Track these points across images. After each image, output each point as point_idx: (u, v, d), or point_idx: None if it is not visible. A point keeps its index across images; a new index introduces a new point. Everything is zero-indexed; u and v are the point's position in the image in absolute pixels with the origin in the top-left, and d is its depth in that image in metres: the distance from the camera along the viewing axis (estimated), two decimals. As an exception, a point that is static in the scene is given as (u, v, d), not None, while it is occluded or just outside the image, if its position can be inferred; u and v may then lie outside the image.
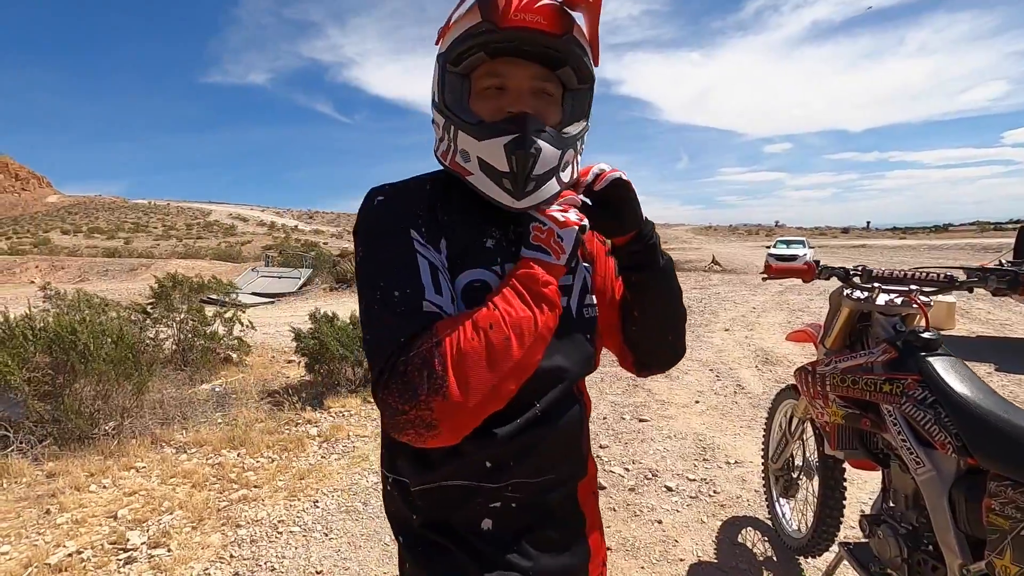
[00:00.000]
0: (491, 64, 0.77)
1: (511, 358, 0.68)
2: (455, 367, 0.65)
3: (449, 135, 0.78)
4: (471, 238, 0.78)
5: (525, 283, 0.73)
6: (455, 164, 0.79)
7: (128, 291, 16.07)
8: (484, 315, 0.69)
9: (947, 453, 1.40)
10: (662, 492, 3.02)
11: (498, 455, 0.78)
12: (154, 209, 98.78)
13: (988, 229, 62.34)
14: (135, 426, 4.09)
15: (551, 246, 0.76)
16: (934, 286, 1.69)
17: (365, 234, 0.77)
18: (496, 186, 0.75)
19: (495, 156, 0.74)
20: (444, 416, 0.65)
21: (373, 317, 0.71)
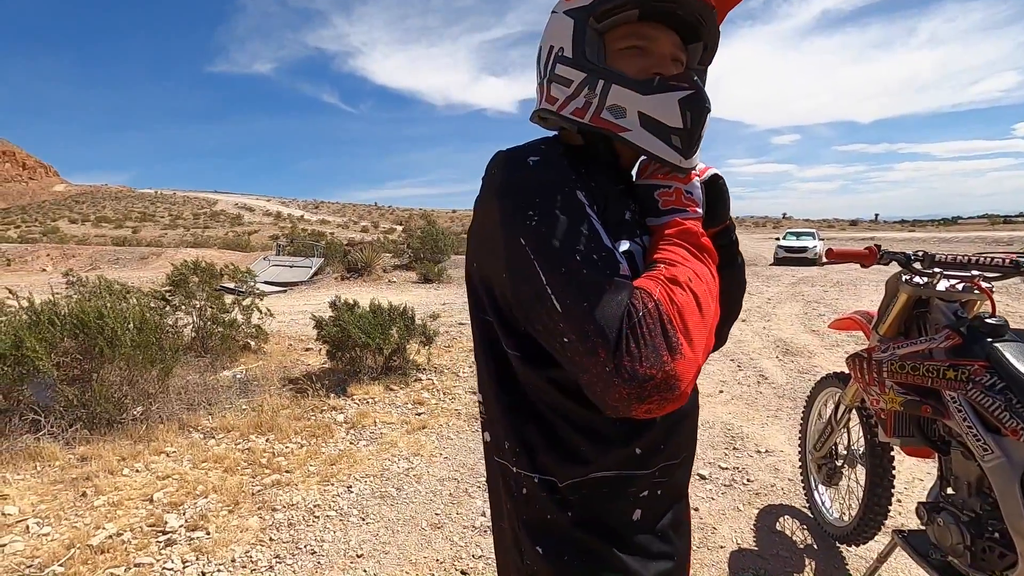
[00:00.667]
0: (636, 26, 0.77)
1: (711, 309, 0.67)
2: (680, 323, 0.63)
3: (592, 90, 0.75)
4: (615, 207, 0.76)
5: (686, 239, 0.72)
6: (601, 120, 0.76)
7: (140, 279, 16.13)
8: (678, 272, 0.67)
9: (1019, 439, 1.38)
10: (696, 480, 3.01)
11: (649, 439, 0.76)
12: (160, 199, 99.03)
13: (998, 222, 61.75)
14: (162, 411, 4.11)
15: (683, 203, 0.76)
16: (998, 271, 1.66)
17: (532, 196, 0.69)
18: (662, 142, 0.74)
19: (666, 112, 0.72)
20: (684, 373, 0.61)
21: (584, 283, 0.63)
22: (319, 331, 5.30)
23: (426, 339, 5.40)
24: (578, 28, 0.76)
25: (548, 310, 0.65)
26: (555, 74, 0.79)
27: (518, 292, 0.69)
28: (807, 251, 19.36)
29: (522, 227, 0.68)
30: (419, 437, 3.74)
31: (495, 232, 0.72)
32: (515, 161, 0.73)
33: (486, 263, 0.76)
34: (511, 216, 0.69)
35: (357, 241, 21.65)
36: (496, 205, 0.72)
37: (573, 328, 0.62)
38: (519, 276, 0.68)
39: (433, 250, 16.55)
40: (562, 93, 0.79)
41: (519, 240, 0.68)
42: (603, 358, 0.60)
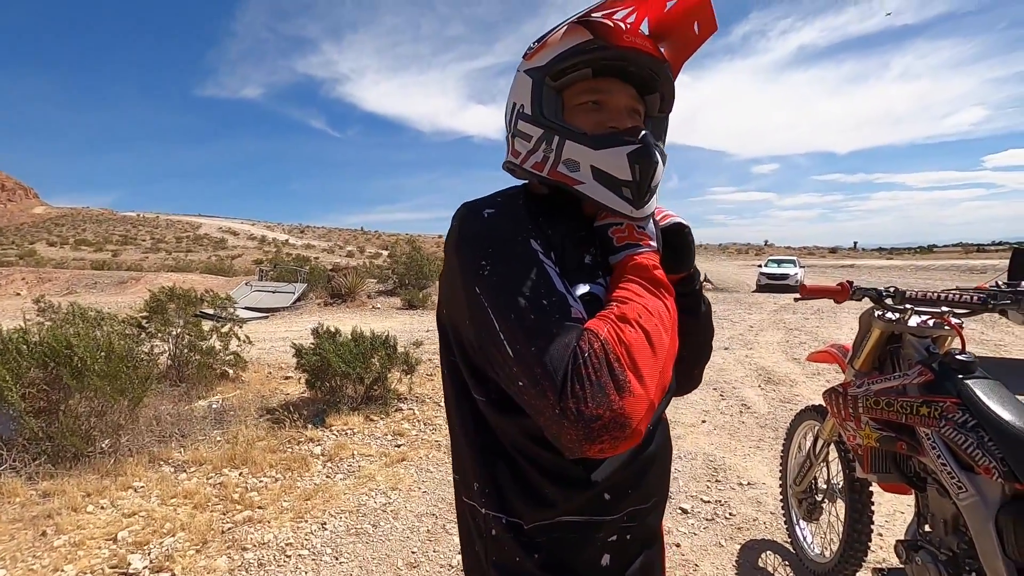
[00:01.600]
0: (592, 81, 0.80)
1: (664, 344, 0.68)
2: (629, 361, 0.63)
3: (549, 145, 0.79)
4: (573, 253, 0.78)
5: (638, 274, 0.74)
6: (557, 174, 0.79)
7: (118, 304, 15.84)
8: (627, 309, 0.68)
9: (992, 478, 1.38)
10: (678, 514, 2.97)
11: (616, 484, 0.76)
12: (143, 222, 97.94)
13: (972, 251, 63.41)
14: (132, 443, 3.98)
15: (636, 238, 0.79)
16: (967, 308, 1.69)
17: (485, 247, 0.72)
18: (614, 195, 0.77)
19: (616, 165, 0.76)
20: (635, 412, 0.62)
21: (532, 328, 0.65)
22: (299, 359, 5.21)
23: (408, 368, 5.34)
24: (535, 87, 0.80)
25: (503, 356, 0.67)
26: (517, 129, 0.84)
27: (479, 339, 0.72)
28: (788, 278, 19.68)
29: (477, 277, 0.71)
30: (398, 470, 3.66)
31: (456, 282, 0.75)
32: (471, 214, 0.77)
33: (452, 310, 0.79)
34: (467, 267, 0.73)
35: (342, 266, 21.52)
36: (455, 257, 0.75)
37: (524, 372, 0.64)
38: (478, 324, 0.71)
39: (418, 276, 16.52)
40: (524, 147, 0.83)
41: (475, 289, 0.71)
42: (551, 400, 0.62)
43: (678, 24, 0.82)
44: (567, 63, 0.78)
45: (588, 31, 0.77)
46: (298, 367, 5.31)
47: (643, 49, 0.78)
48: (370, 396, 5.14)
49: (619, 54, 0.77)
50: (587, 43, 0.77)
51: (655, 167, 0.76)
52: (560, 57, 0.78)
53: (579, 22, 0.77)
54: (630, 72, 0.81)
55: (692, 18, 0.81)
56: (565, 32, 0.78)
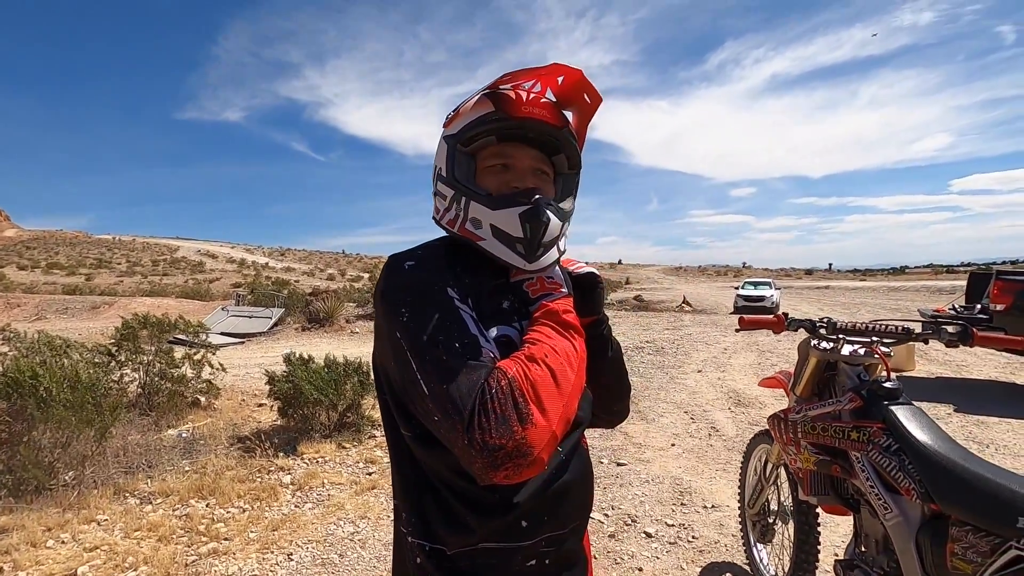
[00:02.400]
0: (498, 147, 0.90)
1: (569, 380, 0.77)
2: (533, 396, 0.72)
3: (459, 205, 0.89)
4: (490, 299, 0.87)
5: (550, 318, 0.83)
6: (465, 231, 0.89)
7: (90, 330, 15.51)
8: (535, 349, 0.77)
9: (912, 499, 1.48)
10: (642, 539, 3.02)
11: (532, 511, 0.83)
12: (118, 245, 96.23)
13: (941, 271, 65.27)
14: (97, 475, 3.92)
15: (547, 288, 0.88)
16: (892, 337, 1.81)
17: (405, 296, 0.80)
18: (509, 250, 0.86)
19: (510, 224, 0.85)
20: (537, 442, 0.70)
21: (444, 368, 0.73)
22: (271, 387, 5.19)
23: (382, 394, 5.33)
24: (449, 151, 0.90)
25: (420, 394, 0.74)
26: (436, 189, 0.94)
27: (401, 379, 0.79)
28: (764, 300, 20.07)
29: (397, 322, 0.79)
30: (368, 498, 3.66)
31: (381, 328, 0.83)
32: (393, 266, 0.85)
33: (381, 353, 0.87)
34: (390, 314, 0.80)
35: (322, 290, 21.38)
36: (380, 305, 0.83)
37: (438, 408, 0.72)
38: (400, 365, 0.78)
39: (398, 299, 16.44)
40: (441, 205, 0.93)
41: (396, 334, 0.79)
42: (460, 432, 0.69)
43: (573, 94, 0.91)
44: (473, 132, 0.88)
45: (492, 103, 0.85)
46: (270, 394, 5.29)
47: (538, 118, 0.86)
48: (343, 423, 5.13)
49: (517, 124, 0.86)
50: (490, 114, 0.86)
51: (544, 226, 0.84)
52: (468, 127, 0.88)
53: (487, 95, 0.86)
54: (530, 137, 0.90)
55: (581, 90, 0.90)
56: (475, 103, 0.87)
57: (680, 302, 23.23)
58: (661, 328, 13.93)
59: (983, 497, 1.30)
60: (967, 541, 1.32)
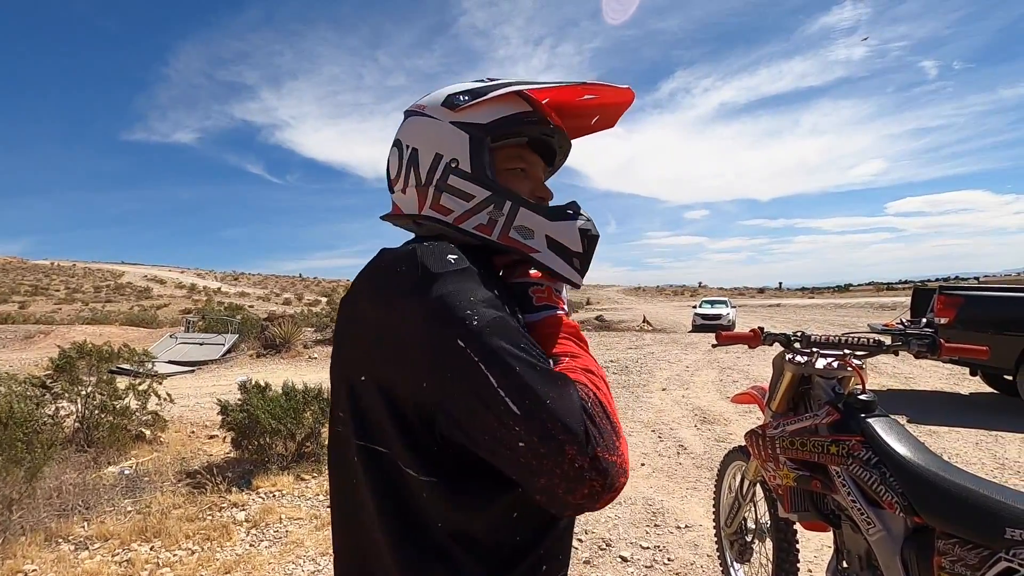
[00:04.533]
0: (521, 149, 0.85)
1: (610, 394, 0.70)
2: (612, 408, 0.65)
3: (499, 210, 0.78)
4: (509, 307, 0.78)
5: (570, 332, 0.77)
6: (509, 239, 0.79)
7: (22, 361, 14.48)
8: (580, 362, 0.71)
9: (895, 513, 1.47)
10: (617, 563, 2.94)
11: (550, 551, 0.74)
12: (57, 270, 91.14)
13: (883, 289, 68.78)
14: (25, 520, 3.57)
15: (554, 300, 0.80)
16: (865, 350, 1.82)
17: (468, 295, 0.65)
18: (567, 264, 0.80)
19: (569, 237, 0.79)
20: (627, 454, 0.63)
21: (539, 379, 0.61)
22: (224, 416, 4.91)
23: (343, 421, 5.13)
24: (475, 145, 0.78)
25: (500, 415, 0.60)
26: (449, 185, 0.79)
27: (454, 401, 0.62)
28: (721, 318, 20.61)
29: (460, 328, 0.62)
30: (328, 533, 3.45)
31: (412, 336, 0.64)
32: (436, 258, 0.68)
33: (390, 373, 0.67)
34: (444, 317, 0.63)
35: (278, 314, 20.71)
36: (422, 305, 0.64)
37: (534, 430, 0.59)
38: (457, 382, 0.62)
39: (358, 323, 16.09)
40: (458, 206, 0.78)
41: (456, 343, 0.62)
42: (572, 454, 0.58)
43: (581, 113, 0.88)
44: (510, 128, 0.79)
45: (527, 103, 0.80)
46: (223, 425, 5.00)
47: (564, 130, 0.84)
48: (302, 453, 4.89)
49: (551, 131, 0.83)
50: (529, 114, 0.80)
51: (597, 241, 0.81)
52: (505, 121, 0.79)
53: (517, 93, 0.80)
54: (547, 146, 0.86)
55: (598, 113, 0.88)
56: (502, 97, 0.79)
57: (641, 321, 23.61)
58: (624, 347, 14.06)
59: (968, 508, 1.29)
60: (955, 554, 1.30)
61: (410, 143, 0.82)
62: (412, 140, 0.82)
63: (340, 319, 0.75)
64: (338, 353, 0.75)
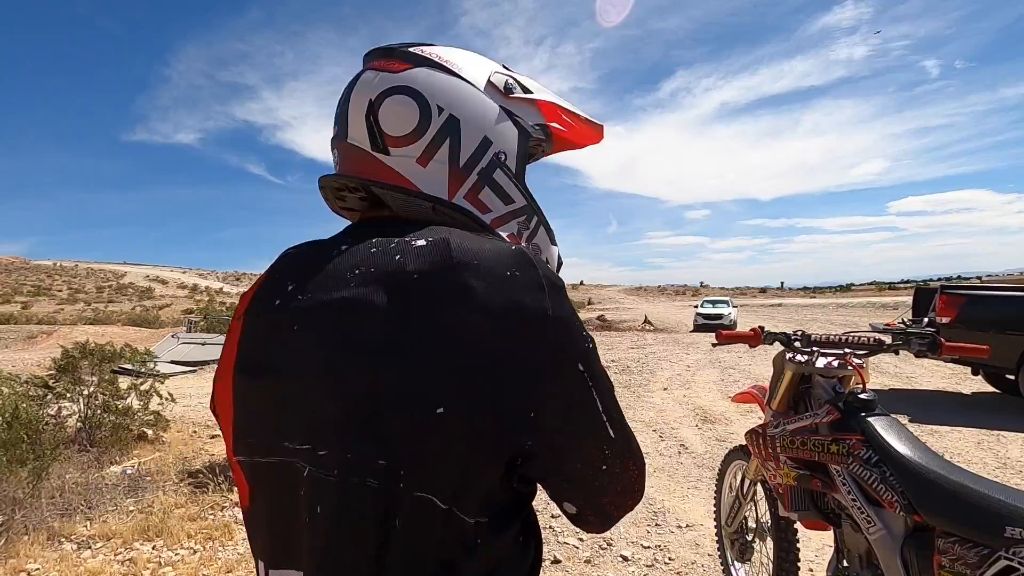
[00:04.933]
0: None
1: None
2: None
3: (527, 223, 0.72)
4: None
5: None
6: None
7: (25, 361, 14.54)
8: None
9: (895, 512, 1.47)
10: (618, 562, 2.95)
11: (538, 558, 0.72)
12: (59, 271, 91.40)
13: (885, 289, 68.76)
14: (28, 520, 3.58)
15: None
16: (865, 349, 1.82)
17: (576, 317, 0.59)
18: None
19: (555, 263, 0.77)
20: None
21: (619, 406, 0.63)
22: (226, 417, 4.92)
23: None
24: (523, 144, 0.70)
25: (599, 439, 0.59)
26: (495, 179, 0.68)
27: (565, 432, 0.57)
28: (723, 318, 20.62)
29: (581, 350, 0.58)
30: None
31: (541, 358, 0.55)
32: (548, 266, 0.61)
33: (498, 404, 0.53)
34: (572, 338, 0.57)
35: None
36: (554, 324, 0.55)
37: (619, 453, 0.61)
38: (574, 410, 0.57)
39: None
40: (497, 207, 0.68)
41: (578, 366, 0.57)
42: (634, 475, 0.63)
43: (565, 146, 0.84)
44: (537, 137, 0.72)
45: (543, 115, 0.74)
46: (225, 425, 5.01)
47: None
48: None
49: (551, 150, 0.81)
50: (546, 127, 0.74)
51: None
52: (538, 128, 0.72)
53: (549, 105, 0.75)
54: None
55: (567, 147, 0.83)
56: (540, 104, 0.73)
57: (642, 321, 23.62)
58: (625, 347, 14.06)
59: (968, 507, 1.30)
60: (954, 553, 1.30)
61: (445, 106, 0.65)
62: (450, 105, 0.65)
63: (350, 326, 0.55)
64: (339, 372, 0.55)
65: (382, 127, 0.65)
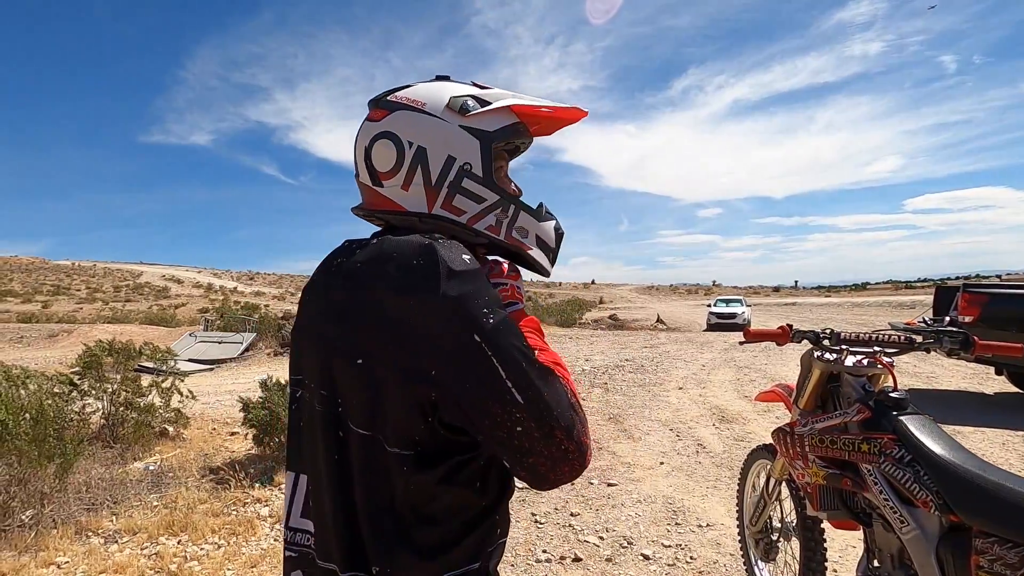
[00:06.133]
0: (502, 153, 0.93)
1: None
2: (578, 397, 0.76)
3: (505, 212, 0.88)
4: None
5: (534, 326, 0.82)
6: (513, 239, 0.89)
7: (47, 359, 14.81)
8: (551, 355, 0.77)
9: (930, 511, 1.45)
10: (640, 561, 2.94)
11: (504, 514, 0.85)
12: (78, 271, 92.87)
13: (901, 287, 67.69)
14: (57, 514, 3.66)
15: (517, 296, 0.88)
16: (896, 347, 1.80)
17: (482, 294, 0.72)
18: (547, 259, 0.93)
19: (549, 236, 0.93)
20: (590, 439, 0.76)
21: (539, 374, 0.71)
22: (245, 414, 4.98)
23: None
24: (485, 151, 0.86)
25: (506, 403, 0.69)
26: (463, 187, 0.85)
27: (464, 390, 0.70)
28: (736, 317, 20.46)
29: (476, 324, 0.70)
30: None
31: (434, 329, 0.70)
32: (455, 256, 0.74)
33: (401, 361, 0.71)
34: (463, 313, 0.70)
35: (294, 313, 20.92)
36: (439, 302, 0.70)
37: (532, 416, 0.69)
38: (471, 374, 0.69)
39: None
40: (471, 208, 0.85)
41: (473, 337, 0.69)
42: (560, 438, 0.70)
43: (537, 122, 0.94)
44: (509, 138, 0.88)
45: (516, 116, 0.89)
46: (245, 422, 5.07)
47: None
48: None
49: (529, 143, 0.96)
50: (519, 125, 0.89)
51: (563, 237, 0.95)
52: (507, 131, 0.88)
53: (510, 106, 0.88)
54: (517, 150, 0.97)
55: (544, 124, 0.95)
56: (501, 110, 0.87)
57: (654, 320, 23.50)
58: (638, 346, 13.99)
59: (1008, 507, 1.28)
60: (993, 553, 1.29)
61: (414, 140, 0.83)
62: (416, 138, 0.83)
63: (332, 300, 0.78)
64: (322, 332, 0.79)
65: (374, 166, 0.86)
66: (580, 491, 3.99)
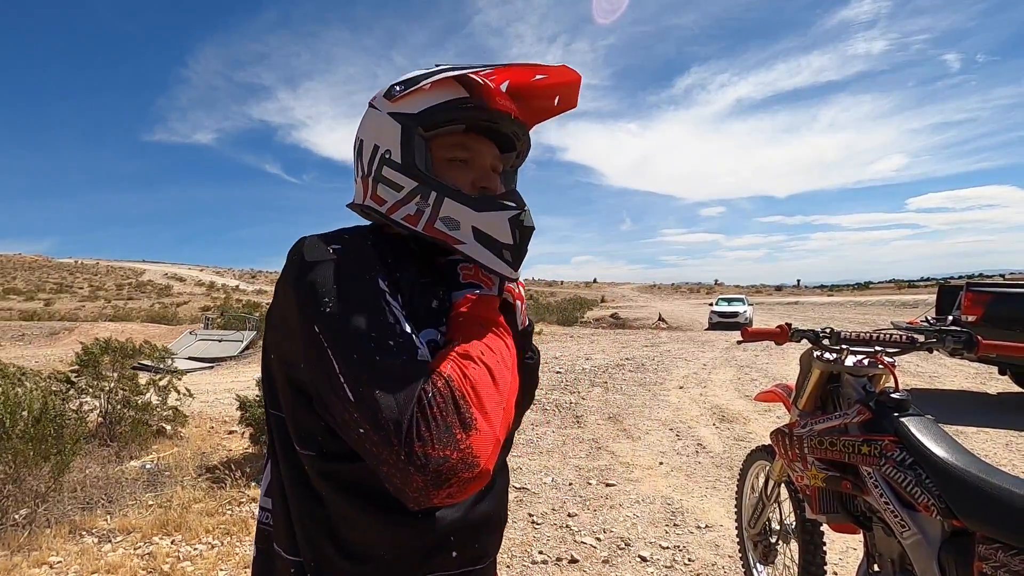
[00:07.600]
0: (462, 137, 0.83)
1: (507, 380, 0.70)
2: (474, 398, 0.64)
3: (424, 200, 0.77)
4: (420, 298, 0.77)
5: (477, 311, 0.75)
6: (435, 230, 0.78)
7: (48, 357, 14.82)
8: (470, 347, 0.69)
9: (932, 516, 1.41)
10: (637, 563, 2.91)
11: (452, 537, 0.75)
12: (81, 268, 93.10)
13: (904, 287, 67.49)
14: (51, 512, 3.63)
15: (480, 278, 0.79)
16: (897, 347, 1.76)
17: (329, 283, 0.69)
18: (495, 256, 0.78)
19: (498, 229, 0.77)
20: (482, 449, 0.62)
21: (377, 369, 0.63)
22: (243, 412, 4.95)
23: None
24: (406, 135, 0.78)
25: (342, 400, 0.63)
26: (383, 175, 0.80)
27: (315, 383, 0.68)
28: (738, 316, 20.40)
29: (317, 314, 0.67)
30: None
31: (293, 319, 0.71)
32: (315, 248, 0.73)
33: (287, 352, 0.74)
34: (307, 303, 0.69)
35: (294, 312, 20.92)
36: (293, 292, 0.71)
37: (367, 418, 0.61)
38: (315, 366, 0.67)
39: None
40: (391, 196, 0.80)
41: (314, 327, 0.67)
42: (395, 445, 0.59)
43: (540, 95, 0.87)
44: (442, 116, 0.78)
45: (463, 87, 0.79)
46: (242, 421, 5.05)
47: (512, 113, 0.82)
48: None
49: (493, 115, 0.80)
50: (463, 100, 0.78)
51: (531, 233, 0.79)
52: (436, 109, 0.78)
53: (455, 78, 0.78)
54: (497, 132, 0.84)
55: (556, 92, 0.87)
56: (438, 83, 0.78)
57: (656, 319, 23.46)
58: (639, 345, 13.95)
59: (1012, 512, 1.24)
60: (997, 560, 1.25)
61: (360, 135, 0.85)
62: (361, 132, 0.85)
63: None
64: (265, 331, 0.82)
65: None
66: (577, 491, 3.96)
